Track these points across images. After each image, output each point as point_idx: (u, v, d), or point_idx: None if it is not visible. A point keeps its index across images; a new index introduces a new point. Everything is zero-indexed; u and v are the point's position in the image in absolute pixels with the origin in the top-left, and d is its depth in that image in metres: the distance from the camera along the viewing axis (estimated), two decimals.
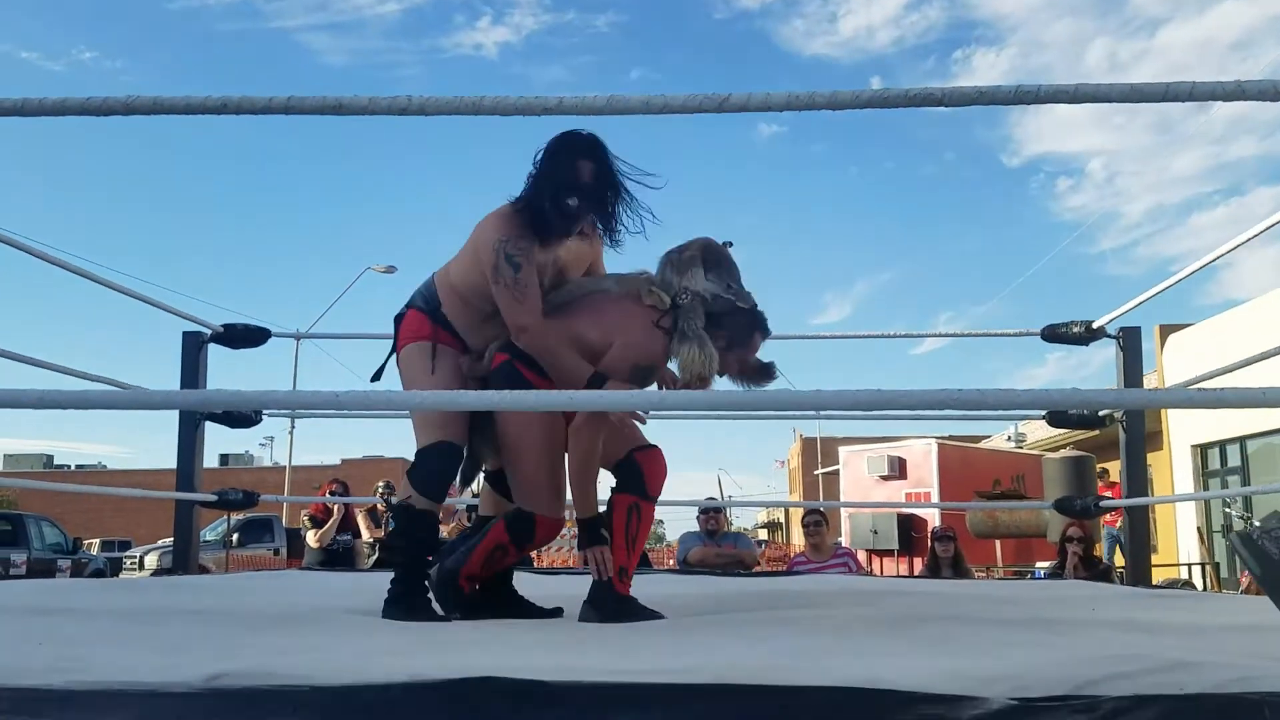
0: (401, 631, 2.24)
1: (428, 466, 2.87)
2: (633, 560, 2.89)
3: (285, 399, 2.91)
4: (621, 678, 1.37)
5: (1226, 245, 3.77)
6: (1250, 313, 14.28)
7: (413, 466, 2.91)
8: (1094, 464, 9.09)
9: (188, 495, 4.76)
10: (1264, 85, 1.82)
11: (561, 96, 1.78)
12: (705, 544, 6.79)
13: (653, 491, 2.95)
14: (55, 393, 1.88)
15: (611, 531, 2.84)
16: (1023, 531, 13.21)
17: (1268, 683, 1.40)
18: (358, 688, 1.34)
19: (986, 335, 7.35)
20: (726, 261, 3.01)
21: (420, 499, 2.88)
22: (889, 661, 1.58)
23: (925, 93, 1.66)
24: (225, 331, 4.96)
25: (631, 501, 2.89)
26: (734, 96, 1.73)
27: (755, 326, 2.99)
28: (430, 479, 2.88)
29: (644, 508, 2.91)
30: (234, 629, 2.18)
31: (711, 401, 2.78)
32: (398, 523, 2.96)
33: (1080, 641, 2.00)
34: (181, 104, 1.85)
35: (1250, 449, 15.45)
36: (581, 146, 2.87)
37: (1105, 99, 1.77)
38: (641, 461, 2.92)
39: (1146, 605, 3.27)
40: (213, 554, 15.46)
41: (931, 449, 16.09)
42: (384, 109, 1.82)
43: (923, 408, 2.05)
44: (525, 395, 2.88)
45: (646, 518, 2.93)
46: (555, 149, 2.88)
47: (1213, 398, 2.14)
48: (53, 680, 1.37)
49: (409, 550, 2.90)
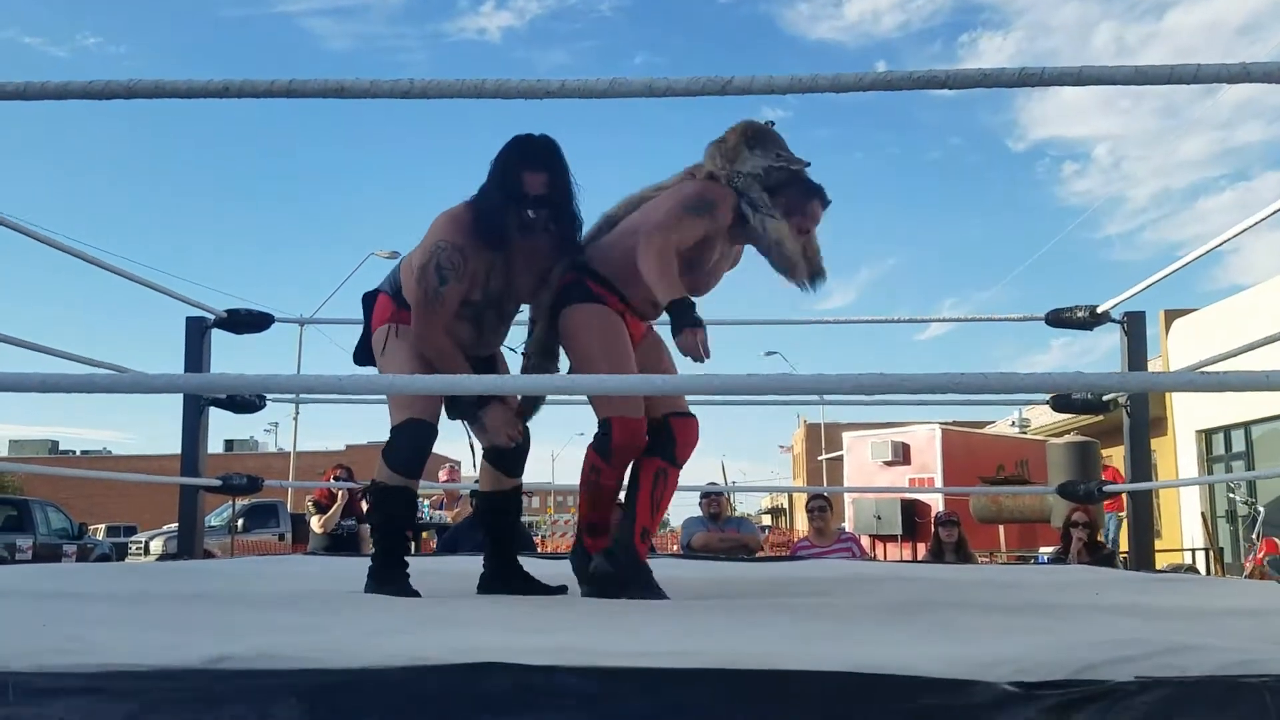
0: (404, 612, 2.25)
1: (399, 444, 2.92)
2: (655, 522, 2.92)
3: (288, 383, 2.92)
4: (619, 661, 1.37)
5: (1230, 231, 3.75)
6: (1255, 297, 14.25)
7: (387, 445, 2.96)
8: (1098, 449, 9.08)
9: (192, 480, 4.77)
10: (1270, 67, 1.81)
11: (564, 80, 1.78)
12: (709, 529, 6.81)
13: (681, 459, 2.99)
14: (58, 376, 1.88)
15: (639, 492, 2.87)
16: (1026, 516, 13.24)
17: (1269, 666, 1.40)
18: (356, 671, 1.34)
19: (990, 320, 7.34)
20: (771, 136, 3.01)
21: (393, 476, 2.93)
22: (889, 648, 1.58)
23: (929, 75, 1.65)
24: (229, 316, 4.97)
25: (660, 466, 2.93)
26: (737, 79, 1.72)
27: (812, 193, 3.02)
28: (402, 457, 2.93)
29: (670, 473, 2.95)
30: (238, 612, 2.19)
31: (713, 385, 2.78)
32: (373, 502, 3.04)
33: (1082, 626, 2.00)
34: (184, 87, 1.85)
35: (1255, 434, 15.44)
36: (535, 156, 2.88)
37: (1110, 81, 1.76)
38: (676, 427, 2.96)
39: (1149, 590, 3.27)
40: (218, 539, 15.51)
41: (935, 434, 16.09)
42: (386, 92, 1.81)
43: (925, 391, 2.05)
44: (514, 379, 2.90)
45: (672, 483, 2.97)
46: (508, 157, 2.88)
47: (1215, 381, 2.13)
48: (57, 662, 1.38)
49: (385, 527, 2.98)
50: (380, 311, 3.08)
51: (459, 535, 6.99)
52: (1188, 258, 4.15)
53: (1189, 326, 16.06)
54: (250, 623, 1.92)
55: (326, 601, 2.56)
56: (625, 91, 1.80)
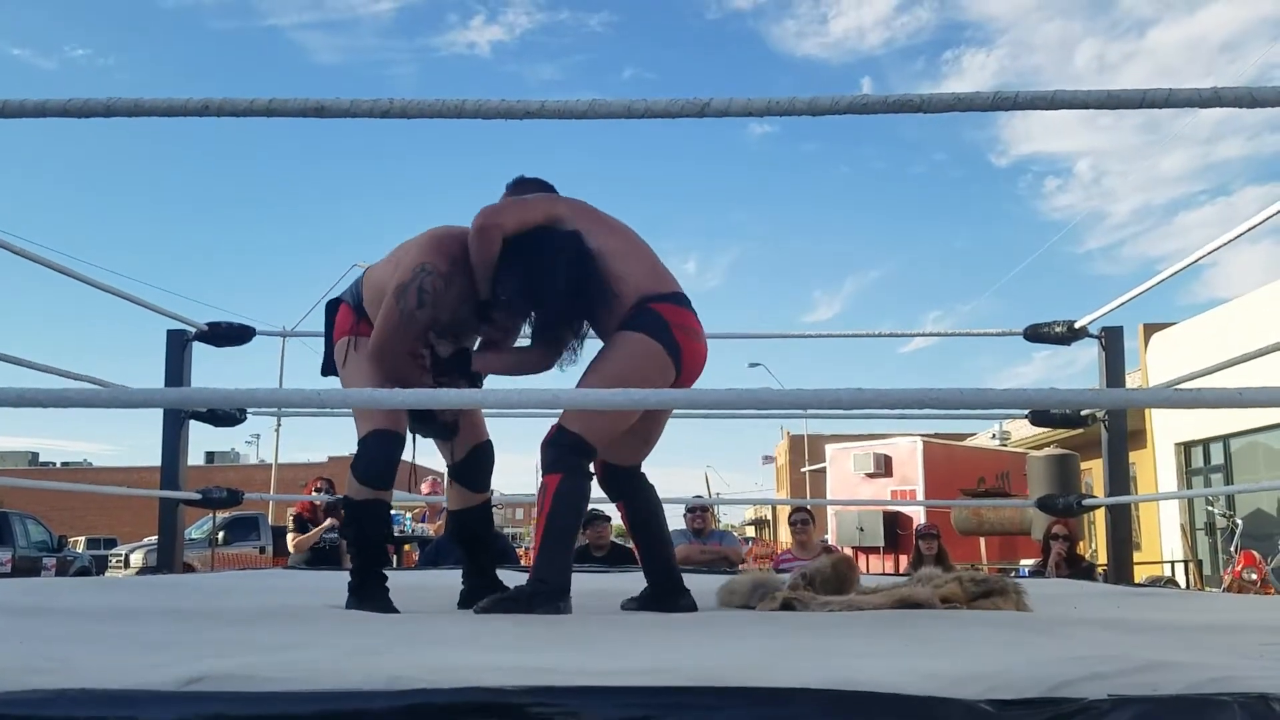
0: (381, 630, 2.24)
1: (368, 456, 2.92)
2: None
3: (267, 398, 2.91)
4: (590, 680, 1.38)
5: (1207, 246, 3.79)
6: (1234, 311, 14.35)
7: (354, 459, 2.97)
8: (1078, 461, 9.13)
9: (172, 494, 4.75)
10: (1239, 92, 1.83)
11: (544, 100, 1.79)
12: (691, 542, 6.81)
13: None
14: (35, 391, 1.88)
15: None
16: (1007, 529, 13.29)
17: (1241, 683, 1.41)
18: (336, 694, 1.34)
19: (969, 335, 7.38)
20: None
21: (362, 489, 2.93)
22: (865, 662, 1.59)
23: (904, 99, 1.66)
24: (210, 330, 4.95)
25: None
26: (715, 101, 1.74)
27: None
28: (371, 468, 2.94)
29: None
30: (216, 629, 2.18)
31: (694, 400, 2.79)
32: (345, 517, 3.04)
33: (1057, 641, 2.01)
34: (163, 105, 1.85)
35: (1233, 447, 15.53)
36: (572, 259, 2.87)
37: (1083, 105, 1.78)
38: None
39: (1127, 604, 3.30)
40: (198, 552, 15.43)
41: (917, 447, 16.15)
42: (365, 112, 1.82)
43: (901, 407, 2.07)
44: (489, 394, 2.90)
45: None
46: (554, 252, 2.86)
47: (1191, 398, 2.15)
48: (32, 681, 1.37)
49: (359, 541, 2.97)
50: (341, 322, 3.09)
51: (441, 549, 6.97)
52: (1164, 274, 4.19)
53: (1168, 340, 16.17)
54: (228, 640, 1.91)
55: (305, 619, 2.55)
56: (605, 113, 1.81)
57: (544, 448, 2.87)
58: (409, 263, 2.88)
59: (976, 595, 2.79)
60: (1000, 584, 2.89)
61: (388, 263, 3.02)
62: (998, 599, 2.79)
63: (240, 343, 5.08)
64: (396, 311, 2.85)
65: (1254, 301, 13.91)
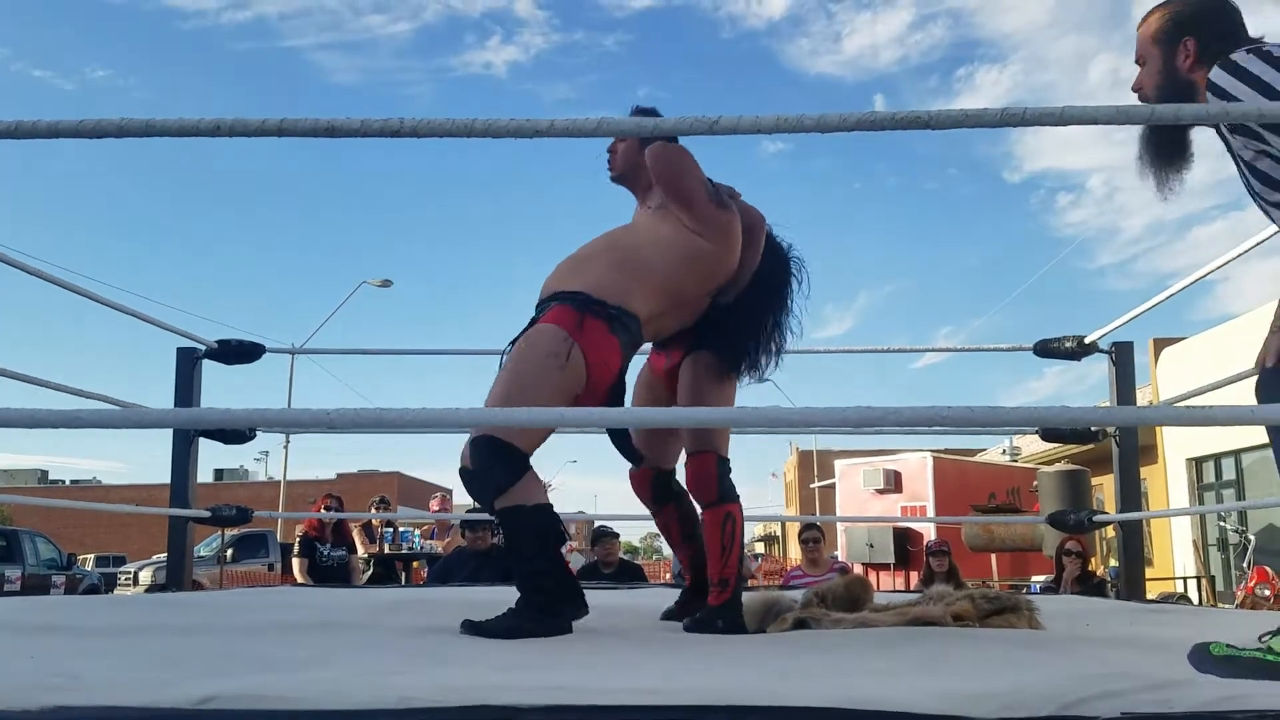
0: (393, 649, 2.24)
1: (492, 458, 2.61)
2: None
3: (277, 417, 2.90)
4: (602, 699, 1.37)
5: (1217, 261, 3.79)
6: (1244, 326, 14.30)
7: (478, 468, 2.63)
8: (1089, 477, 9.10)
9: (181, 511, 4.75)
10: (1247, 108, 1.83)
11: (553, 119, 1.79)
12: None
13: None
14: (46, 411, 1.88)
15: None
16: (1018, 545, 13.21)
17: (1254, 701, 1.40)
18: (347, 713, 1.34)
19: (979, 350, 7.35)
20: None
21: (512, 495, 2.60)
22: (877, 681, 1.58)
23: (912, 116, 1.67)
24: (220, 347, 4.97)
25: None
26: (724, 119, 1.74)
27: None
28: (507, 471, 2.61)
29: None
30: (226, 647, 2.18)
31: (706, 419, 2.78)
32: (511, 527, 2.67)
33: (1071, 659, 2.00)
34: (175, 126, 1.86)
35: (1245, 463, 15.45)
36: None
37: (1092, 121, 1.78)
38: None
39: (1139, 621, 3.28)
40: (207, 569, 15.43)
41: (927, 462, 16.08)
42: (376, 131, 1.83)
43: (911, 424, 2.06)
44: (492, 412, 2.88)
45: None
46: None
47: (1201, 415, 2.14)
48: (45, 699, 1.37)
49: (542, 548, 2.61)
50: (561, 316, 2.70)
51: (450, 565, 6.95)
52: (1173, 288, 4.18)
53: (1178, 355, 16.11)
54: (238, 658, 1.91)
55: (316, 637, 2.55)
56: (614, 131, 1.82)
57: (708, 478, 2.90)
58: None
59: (989, 613, 2.78)
60: (1013, 601, 2.88)
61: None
62: (1010, 616, 2.78)
63: (250, 360, 5.09)
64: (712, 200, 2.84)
65: (1265, 316, 13.77)
